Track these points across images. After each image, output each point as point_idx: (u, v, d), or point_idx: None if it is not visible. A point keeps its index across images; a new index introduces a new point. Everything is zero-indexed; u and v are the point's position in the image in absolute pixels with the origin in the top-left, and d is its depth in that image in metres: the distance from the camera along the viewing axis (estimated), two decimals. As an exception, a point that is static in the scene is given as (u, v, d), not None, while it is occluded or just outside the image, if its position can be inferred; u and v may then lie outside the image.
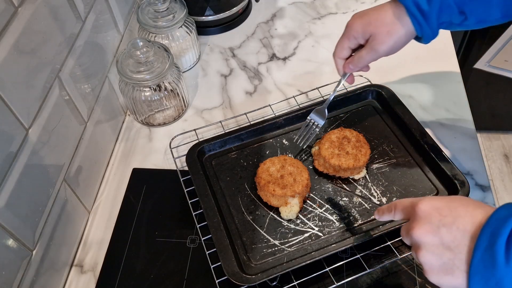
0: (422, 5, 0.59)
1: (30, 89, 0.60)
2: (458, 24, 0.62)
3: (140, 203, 0.79)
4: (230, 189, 0.76)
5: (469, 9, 0.60)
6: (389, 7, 0.63)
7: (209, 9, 1.04)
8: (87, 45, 0.76)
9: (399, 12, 0.61)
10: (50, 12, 0.64)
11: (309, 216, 0.72)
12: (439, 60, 0.98)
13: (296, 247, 0.68)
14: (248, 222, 0.72)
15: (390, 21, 0.62)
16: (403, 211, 0.51)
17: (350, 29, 0.66)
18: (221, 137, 0.80)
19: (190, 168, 0.76)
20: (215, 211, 0.70)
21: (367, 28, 0.64)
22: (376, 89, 0.87)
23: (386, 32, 0.62)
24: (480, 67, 1.58)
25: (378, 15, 0.63)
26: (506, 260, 0.40)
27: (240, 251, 0.68)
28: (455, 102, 0.91)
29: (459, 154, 0.82)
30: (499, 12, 0.60)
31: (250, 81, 0.98)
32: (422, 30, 0.61)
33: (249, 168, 0.78)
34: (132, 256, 0.72)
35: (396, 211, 0.52)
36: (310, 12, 1.13)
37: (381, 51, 0.63)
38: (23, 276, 0.59)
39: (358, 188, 0.75)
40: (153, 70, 0.80)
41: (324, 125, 0.79)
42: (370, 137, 0.79)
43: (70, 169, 0.72)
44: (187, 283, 0.69)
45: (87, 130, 0.77)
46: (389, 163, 0.78)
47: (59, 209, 0.69)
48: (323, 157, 0.75)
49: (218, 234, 0.68)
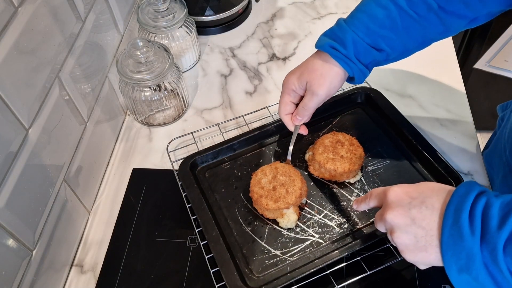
0: (339, 49, 0.64)
1: (30, 89, 0.60)
2: (384, 60, 0.67)
3: (140, 203, 0.79)
4: (226, 200, 0.75)
5: (385, 46, 0.65)
6: (315, 57, 0.68)
7: (209, 9, 1.04)
8: (87, 45, 0.76)
9: (325, 57, 0.66)
10: (50, 12, 0.64)
11: (309, 224, 0.71)
12: (439, 60, 0.98)
13: (298, 256, 0.68)
14: (247, 234, 0.71)
15: (320, 65, 0.66)
16: (376, 198, 0.55)
17: (287, 84, 0.70)
18: (213, 148, 0.79)
19: (184, 181, 0.75)
20: (213, 225, 0.69)
21: (301, 78, 0.68)
22: (365, 92, 0.86)
23: (319, 75, 0.66)
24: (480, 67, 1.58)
25: (307, 65, 0.68)
26: (471, 232, 0.44)
27: (241, 263, 0.67)
28: (455, 102, 0.91)
29: (459, 154, 0.82)
30: (413, 42, 0.65)
31: (250, 81, 0.98)
32: (349, 67, 0.65)
33: (243, 178, 0.77)
34: (132, 256, 0.72)
35: (370, 199, 0.56)
36: (310, 12, 1.13)
37: (321, 93, 0.67)
38: (23, 276, 0.59)
39: (355, 192, 0.75)
40: (153, 70, 0.80)
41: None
42: (362, 140, 0.78)
43: (70, 169, 0.72)
44: (187, 283, 0.69)
45: (87, 130, 0.77)
46: (383, 165, 0.78)
47: (59, 209, 0.69)
48: (318, 162, 0.74)
49: (217, 248, 0.67)
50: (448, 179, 0.73)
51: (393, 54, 0.66)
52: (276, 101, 0.91)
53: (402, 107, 0.86)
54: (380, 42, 0.64)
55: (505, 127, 0.78)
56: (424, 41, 0.66)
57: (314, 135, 0.83)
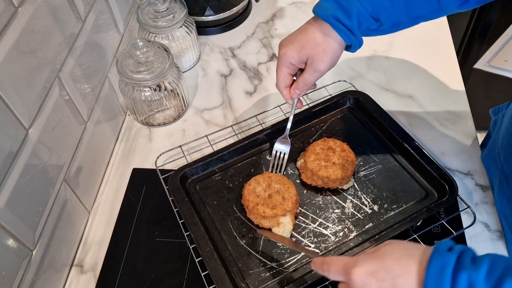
0: (343, 21, 0.62)
1: (30, 89, 0.60)
2: (375, 30, 0.66)
3: (140, 203, 0.79)
4: (219, 213, 0.73)
5: (383, 17, 0.63)
6: (315, 28, 0.65)
7: (209, 9, 1.04)
8: (87, 45, 0.76)
9: (326, 29, 0.64)
10: (50, 12, 0.64)
11: (304, 233, 0.70)
12: (439, 60, 0.98)
13: (295, 267, 0.66)
14: (242, 247, 0.69)
15: (322, 40, 0.64)
16: (338, 274, 0.50)
17: (286, 57, 0.67)
18: (203, 160, 0.77)
19: (175, 195, 0.72)
20: (206, 240, 0.67)
21: (302, 52, 0.66)
22: (353, 96, 0.85)
23: (322, 50, 0.64)
24: (480, 67, 1.58)
25: (308, 38, 0.65)
26: None
27: (237, 278, 0.65)
28: (455, 102, 0.91)
29: (459, 154, 0.82)
30: (408, 16, 0.64)
31: (250, 81, 0.98)
32: (350, 40, 0.64)
33: (235, 189, 0.76)
34: (132, 256, 0.72)
35: (330, 273, 0.51)
36: (310, 12, 1.12)
37: (323, 69, 0.66)
38: (23, 276, 0.59)
39: (348, 198, 0.74)
40: (153, 70, 0.80)
41: (290, 152, 0.78)
42: (353, 145, 0.78)
43: (70, 169, 0.72)
44: (187, 283, 0.69)
45: (87, 130, 0.77)
46: (375, 169, 0.77)
47: (59, 209, 0.69)
48: (310, 169, 0.74)
49: (212, 263, 0.65)
50: (441, 182, 0.72)
51: (385, 25, 0.65)
52: (276, 100, 0.91)
53: (402, 107, 0.86)
54: (381, 12, 0.62)
55: (498, 132, 0.77)
56: (417, 17, 0.65)
57: (305, 142, 0.82)
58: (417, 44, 1.02)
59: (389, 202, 0.73)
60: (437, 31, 1.04)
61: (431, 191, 0.73)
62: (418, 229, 0.70)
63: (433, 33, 1.03)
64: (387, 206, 0.72)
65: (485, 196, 0.77)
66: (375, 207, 0.73)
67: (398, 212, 0.72)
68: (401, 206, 0.72)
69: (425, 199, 0.73)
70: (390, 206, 0.72)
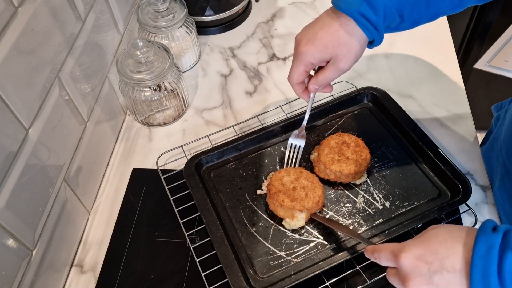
0: (369, 17, 0.59)
1: (30, 89, 0.60)
2: (394, 28, 0.64)
3: (140, 203, 0.79)
4: (231, 201, 0.74)
5: (406, 14, 0.61)
6: (337, 25, 0.61)
7: (209, 9, 1.04)
8: (87, 45, 0.76)
9: (351, 27, 0.61)
10: (50, 12, 0.64)
11: (314, 225, 0.71)
12: (439, 60, 0.98)
13: (303, 258, 0.67)
14: (252, 235, 0.70)
15: (346, 39, 0.61)
16: (388, 261, 0.52)
17: (305, 55, 0.64)
18: (219, 148, 0.79)
19: (189, 181, 0.74)
20: (218, 226, 0.69)
21: (325, 51, 0.63)
22: (371, 92, 0.86)
23: (347, 50, 0.62)
24: (480, 67, 1.58)
25: (332, 37, 0.62)
26: None
27: (246, 265, 0.67)
28: (455, 102, 0.91)
29: (459, 154, 0.82)
30: (428, 13, 0.63)
31: (250, 81, 0.98)
32: (373, 36, 0.62)
33: (248, 179, 0.77)
34: (132, 256, 0.72)
35: (381, 260, 0.53)
36: (310, 12, 1.13)
37: (347, 68, 0.64)
38: (23, 276, 0.59)
39: (360, 193, 0.74)
40: (153, 70, 0.80)
41: (305, 146, 0.78)
42: (368, 141, 0.78)
43: (70, 169, 0.72)
44: (187, 283, 0.69)
45: (87, 130, 0.77)
46: (389, 166, 0.77)
47: (59, 209, 0.69)
48: (323, 163, 0.74)
49: (222, 249, 0.66)
50: (455, 182, 0.72)
51: (406, 23, 0.63)
52: (275, 101, 0.91)
53: (402, 107, 0.86)
54: (405, 8, 0.60)
55: (500, 127, 0.77)
56: (437, 13, 0.63)
57: (320, 135, 0.83)
58: (417, 44, 1.02)
59: (401, 199, 0.73)
60: (437, 31, 1.04)
61: (444, 190, 0.74)
62: (419, 231, 0.70)
63: (433, 33, 1.03)
64: (398, 203, 0.73)
65: (485, 196, 0.77)
66: (387, 204, 0.73)
67: (410, 209, 0.72)
68: (413, 204, 0.73)
69: (437, 198, 0.73)
70: (402, 203, 0.73)
